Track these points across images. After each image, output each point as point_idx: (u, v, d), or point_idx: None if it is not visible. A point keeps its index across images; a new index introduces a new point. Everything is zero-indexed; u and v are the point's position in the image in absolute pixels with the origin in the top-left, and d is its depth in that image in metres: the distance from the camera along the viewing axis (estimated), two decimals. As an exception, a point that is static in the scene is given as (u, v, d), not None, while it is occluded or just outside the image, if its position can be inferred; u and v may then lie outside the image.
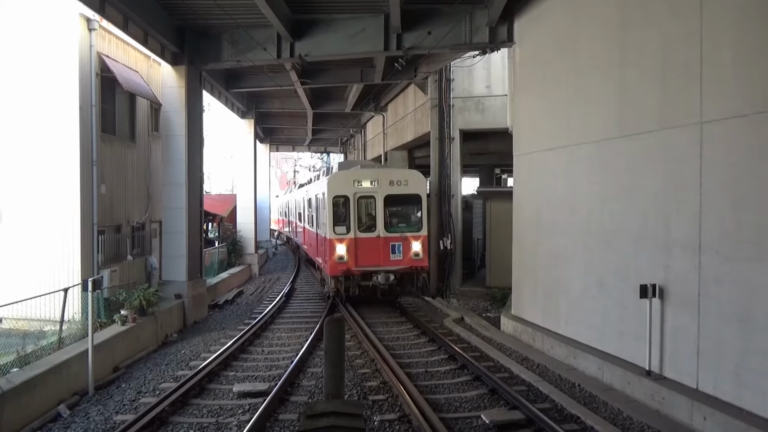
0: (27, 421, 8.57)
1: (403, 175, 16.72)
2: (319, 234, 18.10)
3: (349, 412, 6.26)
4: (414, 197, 16.24)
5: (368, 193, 16.06)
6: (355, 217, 15.90)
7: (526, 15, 13.18)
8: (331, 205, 15.89)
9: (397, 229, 16.17)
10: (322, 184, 16.95)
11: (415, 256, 15.92)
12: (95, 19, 14.25)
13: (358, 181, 16.06)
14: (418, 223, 16.26)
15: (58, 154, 14.02)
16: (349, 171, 16.86)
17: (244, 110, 28.49)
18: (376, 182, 16.07)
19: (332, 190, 16.04)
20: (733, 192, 7.46)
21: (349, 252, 15.63)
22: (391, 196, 16.07)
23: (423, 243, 16.07)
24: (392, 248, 15.84)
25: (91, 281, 10.20)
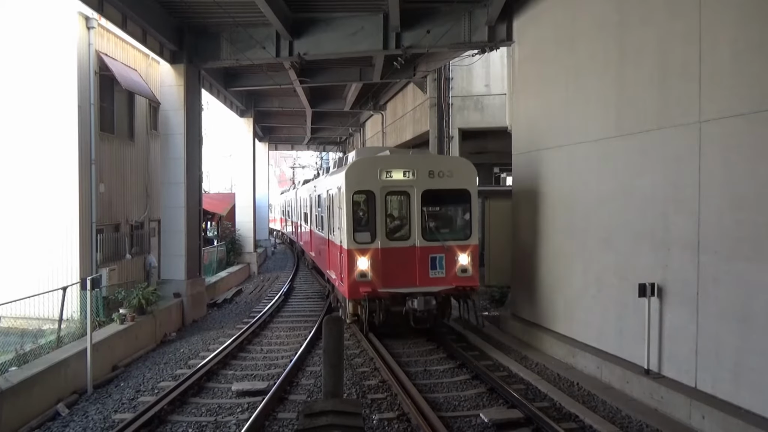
0: (26, 419, 8.57)
1: (448, 163, 12.56)
2: (332, 241, 13.99)
3: (347, 410, 6.26)
4: (461, 194, 12.14)
5: (400, 187, 12.00)
6: (383, 220, 11.82)
7: (525, 14, 13.17)
8: (351, 203, 11.74)
9: (438, 236, 12.01)
10: (338, 176, 12.63)
11: (462, 273, 11.89)
12: (94, 17, 14.24)
13: (387, 171, 11.87)
14: (466, 228, 12.21)
15: (57, 153, 14.02)
16: (375, 158, 12.65)
17: (242, 109, 28.49)
18: (411, 173, 11.95)
19: (352, 183, 11.81)
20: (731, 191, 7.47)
21: (374, 267, 11.58)
22: (431, 192, 11.98)
23: (472, 255, 12.04)
24: (432, 262, 11.85)
25: (89, 280, 10.18)
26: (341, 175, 12.26)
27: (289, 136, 41.14)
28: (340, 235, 12.40)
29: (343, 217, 12.02)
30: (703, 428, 7.38)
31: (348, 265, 11.67)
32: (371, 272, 11.62)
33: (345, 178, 11.87)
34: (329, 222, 14.41)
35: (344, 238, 11.91)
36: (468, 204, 12.17)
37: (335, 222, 13.22)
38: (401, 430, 7.93)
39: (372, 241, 11.75)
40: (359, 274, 11.62)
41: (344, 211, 11.87)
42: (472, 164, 12.38)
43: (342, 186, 12.12)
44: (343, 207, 11.93)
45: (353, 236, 11.74)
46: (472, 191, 12.16)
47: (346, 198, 11.79)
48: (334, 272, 13.94)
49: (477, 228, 12.37)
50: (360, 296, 11.50)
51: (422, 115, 21.39)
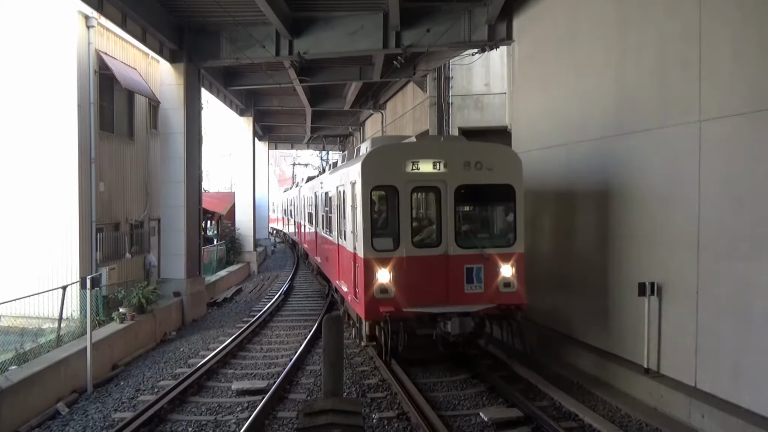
0: (26, 418, 8.57)
1: (488, 152, 10.04)
2: (343, 247, 11.78)
3: (347, 409, 6.27)
4: (504, 190, 9.91)
5: (429, 181, 9.80)
6: (408, 222, 9.65)
7: (525, 13, 13.17)
8: (368, 202, 9.59)
9: (475, 242, 9.88)
10: (352, 169, 10.55)
11: (505, 287, 9.70)
12: (94, 16, 14.24)
13: (414, 162, 9.64)
14: (510, 232, 9.99)
15: (57, 152, 14.01)
16: (399, 145, 10.68)
17: (242, 108, 28.48)
18: (442, 164, 9.71)
19: (370, 177, 9.62)
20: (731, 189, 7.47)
21: (397, 281, 9.37)
22: (467, 188, 9.81)
23: (517, 265, 9.77)
24: (468, 274, 9.67)
25: (89, 279, 10.19)
26: (356, 168, 10.01)
27: (288, 135, 41.15)
28: (354, 241, 10.20)
29: (358, 218, 9.83)
30: None
31: (364, 278, 9.40)
32: (394, 287, 9.33)
33: (361, 171, 9.57)
34: (339, 224, 12.14)
35: (360, 244, 9.72)
36: (512, 203, 9.91)
37: (347, 224, 10.95)
38: (401, 429, 7.94)
39: (394, 249, 9.50)
40: (379, 289, 9.33)
41: (359, 212, 9.68)
42: (517, 154, 10.23)
43: (357, 180, 9.87)
44: (358, 206, 9.73)
45: (371, 242, 9.46)
46: (517, 187, 9.87)
47: (362, 195, 9.55)
48: (345, 284, 11.57)
49: (523, 232, 9.96)
50: (380, 317, 9.24)
51: (422, 114, 21.37)
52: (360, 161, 9.80)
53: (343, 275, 11.89)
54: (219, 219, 30.85)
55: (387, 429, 7.96)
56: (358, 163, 10.00)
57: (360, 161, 9.80)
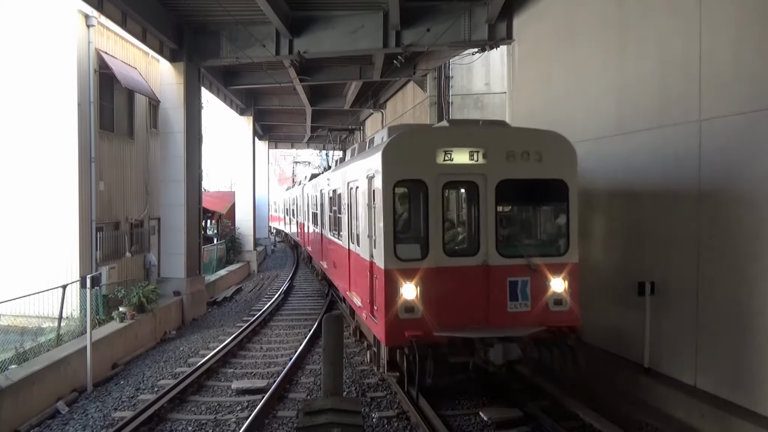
0: (25, 417, 8.58)
1: (536, 140, 8.40)
2: (356, 254, 9.98)
3: (347, 408, 6.27)
4: (555, 186, 8.31)
5: (466, 175, 8.16)
6: (439, 225, 8.02)
7: (525, 12, 13.16)
8: (390, 200, 7.91)
9: (521, 250, 8.28)
10: (369, 161, 8.79)
11: (556, 305, 8.11)
12: (94, 15, 14.23)
13: (447, 151, 8.03)
14: (562, 237, 8.39)
15: (57, 151, 14.01)
16: (430, 130, 9.50)
17: (242, 107, 28.48)
18: (481, 154, 8.07)
19: (393, 169, 7.95)
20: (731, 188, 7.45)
21: (426, 298, 7.76)
22: (510, 184, 8.17)
23: (570, 278, 8.18)
24: (512, 289, 8.08)
25: (89, 278, 10.20)
26: (374, 159, 8.34)
27: (288, 135, 41.13)
28: (371, 247, 8.53)
29: (377, 220, 8.17)
30: None
31: (385, 293, 7.71)
32: (421, 305, 7.67)
33: (382, 162, 7.88)
34: (351, 227, 10.46)
35: (379, 252, 8.00)
36: (564, 202, 8.30)
37: (362, 227, 9.24)
38: (401, 428, 7.94)
39: (422, 258, 7.84)
40: (403, 307, 7.66)
41: (379, 212, 7.99)
42: (570, 142, 8.40)
43: (376, 174, 8.23)
44: (378, 205, 8.06)
45: (394, 250, 7.77)
46: (571, 183, 8.26)
47: (382, 192, 7.86)
48: (358, 298, 9.78)
49: (577, 238, 8.26)
50: (404, 342, 7.56)
51: (422, 114, 21.36)
52: (380, 150, 8.00)
53: (356, 287, 10.13)
54: (219, 218, 30.87)
55: (387, 428, 7.96)
56: (377, 152, 8.18)
57: (380, 150, 8.00)
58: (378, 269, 8.09)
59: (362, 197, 9.19)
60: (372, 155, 8.65)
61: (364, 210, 9.03)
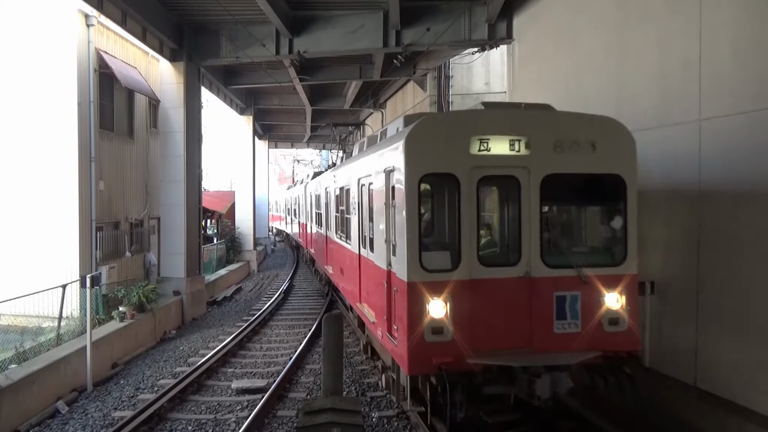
0: (25, 417, 8.59)
1: (588, 127, 7.09)
2: (369, 262, 8.71)
3: (347, 408, 6.27)
4: (610, 182, 7.05)
5: (503, 168, 6.87)
6: (474, 228, 6.75)
7: (525, 12, 13.16)
8: (415, 198, 6.62)
9: (570, 258, 7.02)
10: (388, 152, 7.44)
11: (612, 325, 6.88)
12: (93, 15, 14.23)
13: (483, 140, 6.74)
14: (618, 243, 7.12)
15: (57, 151, 14.02)
16: (461, 115, 8.11)
17: (242, 107, 28.48)
18: (523, 143, 6.79)
19: (419, 160, 6.66)
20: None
21: (457, 317, 6.55)
22: (558, 179, 6.89)
23: (628, 292, 6.97)
24: (559, 306, 6.85)
25: (89, 277, 10.21)
26: (395, 150, 6.99)
27: (288, 134, 41.11)
28: (389, 254, 7.32)
29: (398, 223, 6.88)
30: None
31: (408, 310, 6.45)
32: (452, 326, 6.43)
33: (405, 152, 6.57)
34: (363, 229, 9.22)
35: (401, 260, 6.71)
36: (621, 201, 7.00)
37: (377, 230, 7.99)
38: (400, 428, 7.94)
39: (453, 269, 6.57)
40: (430, 328, 6.42)
41: (401, 213, 6.70)
42: (628, 130, 7.11)
43: (397, 167, 6.88)
44: (399, 205, 6.77)
45: (419, 259, 6.49)
46: (629, 179, 6.99)
47: (406, 188, 6.53)
48: (372, 312, 8.57)
49: (636, 245, 6.97)
50: (431, 370, 6.36)
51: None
52: (403, 138, 6.66)
53: (369, 299, 8.86)
54: (219, 218, 30.87)
55: (387, 428, 7.96)
56: (398, 142, 6.88)
57: (403, 138, 6.66)
58: (399, 281, 6.83)
59: (378, 196, 7.94)
60: (391, 146, 7.30)
61: (380, 210, 7.80)
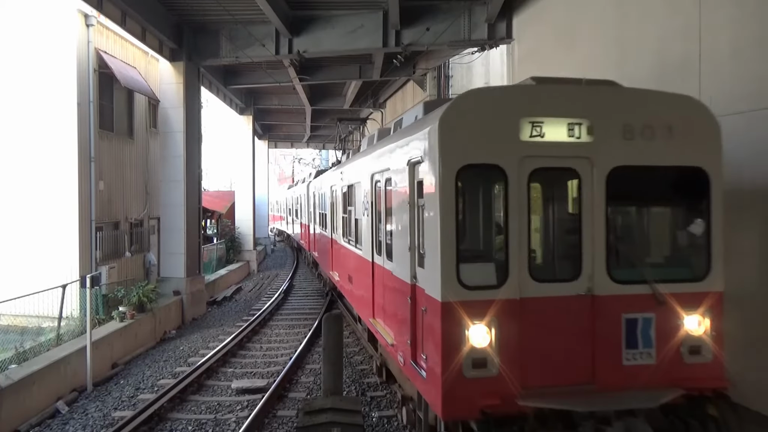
0: (26, 417, 8.58)
1: (663, 107, 5.69)
2: (385, 271, 7.51)
3: (347, 408, 6.27)
4: (690, 177, 5.64)
5: (560, 159, 5.45)
6: (523, 234, 5.31)
7: (525, 11, 13.17)
8: (452, 196, 5.17)
9: (643, 272, 5.50)
10: (416, 138, 5.95)
11: (693, 355, 5.50)
12: (93, 14, 14.23)
13: (536, 123, 5.33)
14: (699, 253, 5.68)
15: (56, 151, 14.02)
16: (508, 90, 6.42)
17: (242, 107, 28.48)
18: (584, 128, 5.41)
19: (457, 148, 5.21)
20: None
21: (504, 346, 5.15)
22: (626, 173, 5.47)
23: (713, 314, 5.53)
24: (629, 331, 5.44)
25: (89, 278, 10.22)
26: (423, 136, 5.63)
27: (288, 134, 41.12)
28: (413, 266, 6.01)
29: (427, 227, 5.55)
30: None
31: (443, 338, 5.12)
32: (498, 358, 5.12)
33: (439, 138, 5.20)
34: (377, 233, 7.97)
35: (432, 274, 5.39)
36: (703, 200, 5.62)
37: (398, 235, 6.69)
38: (400, 427, 7.94)
39: (499, 285, 5.22)
40: (471, 360, 5.09)
41: (432, 214, 5.38)
42: (711, 112, 5.71)
43: (427, 157, 5.53)
44: (430, 204, 5.43)
45: (456, 272, 5.14)
46: (713, 173, 5.60)
47: (440, 183, 5.19)
48: (391, 333, 7.20)
49: (721, 255, 5.61)
50: (473, 414, 5.05)
51: (422, 113, 21.34)
52: (435, 121, 5.28)
53: (386, 316, 7.52)
54: (219, 218, 30.86)
55: (387, 427, 7.96)
56: (428, 126, 5.51)
57: (435, 121, 5.28)
58: (429, 300, 5.43)
59: (398, 193, 6.63)
60: (417, 132, 5.90)
61: (401, 211, 6.45)
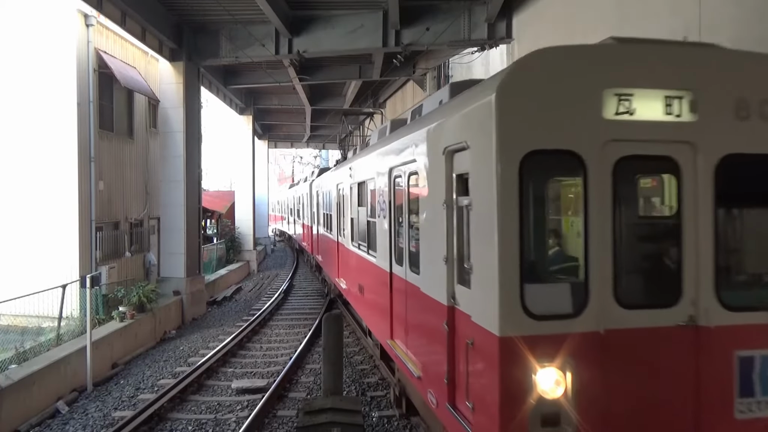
0: (26, 417, 8.58)
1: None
2: (409, 287, 6.22)
3: (347, 408, 6.27)
4: None
5: (653, 144, 4.01)
6: (606, 243, 3.93)
7: (525, 11, 13.17)
8: (514, 191, 3.81)
9: (761, 294, 4.28)
10: (465, 118, 4.47)
11: None
12: (93, 14, 14.22)
13: (624, 95, 3.90)
14: None
15: (56, 151, 14.01)
16: (585, 51, 4.20)
17: (242, 107, 28.48)
18: (683, 103, 3.99)
19: (519, 131, 3.85)
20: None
21: (582, 396, 3.75)
22: (741, 163, 4.07)
23: None
24: (744, 374, 4.01)
25: (89, 278, 10.21)
26: (472, 113, 4.40)
27: (288, 134, 41.11)
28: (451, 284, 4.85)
29: (474, 233, 4.40)
30: None
31: (501, 385, 3.84)
32: (576, 411, 3.83)
33: (497, 114, 3.90)
34: (396, 239, 6.89)
35: (483, 296, 4.15)
36: None
37: (431, 243, 5.36)
38: (400, 427, 7.94)
39: (576, 313, 3.96)
40: (540, 415, 3.81)
41: (482, 217, 4.19)
42: None
43: (474, 143, 4.37)
44: (484, 204, 4.13)
45: (520, 296, 3.83)
46: None
47: (497, 176, 3.88)
48: (418, 364, 5.91)
49: None
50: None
51: (422, 113, 21.32)
52: (491, 92, 3.98)
53: (410, 340, 6.27)
54: (219, 218, 30.86)
55: (387, 427, 7.96)
56: (478, 101, 4.27)
57: (491, 92, 3.98)
58: (478, 331, 4.20)
59: (428, 191, 5.39)
60: (459, 111, 4.67)
61: (431, 212, 5.29)
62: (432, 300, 5.20)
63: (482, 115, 4.09)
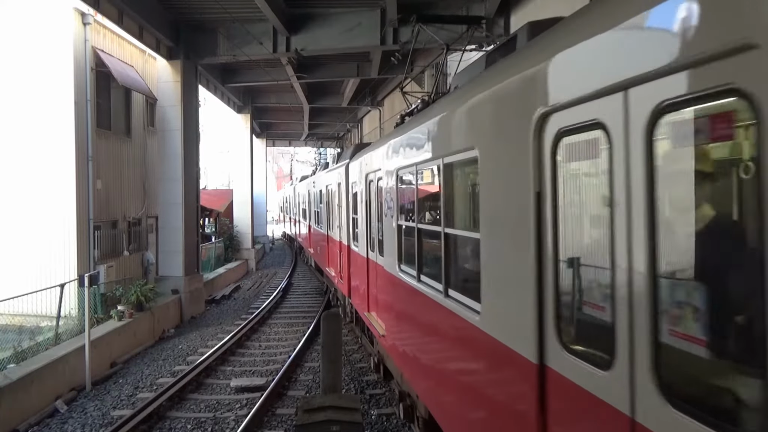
0: (24, 416, 8.57)
1: None
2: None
3: (346, 405, 6.27)
4: None
5: None
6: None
7: (523, 8, 13.15)
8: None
9: None
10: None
11: None
12: (90, 13, 14.19)
13: None
14: None
15: (54, 150, 13.99)
16: None
17: (240, 105, 28.44)
18: None
19: None
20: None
21: None
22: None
23: None
24: None
25: (87, 277, 10.19)
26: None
27: (286, 132, 41.11)
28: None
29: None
30: None
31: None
32: None
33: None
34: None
35: None
36: None
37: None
38: (399, 425, 7.95)
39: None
40: None
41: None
42: None
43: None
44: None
45: None
46: None
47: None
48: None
49: None
50: None
51: (420, 111, 21.30)
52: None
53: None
54: (217, 216, 30.82)
55: (386, 425, 7.97)
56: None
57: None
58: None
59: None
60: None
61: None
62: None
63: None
